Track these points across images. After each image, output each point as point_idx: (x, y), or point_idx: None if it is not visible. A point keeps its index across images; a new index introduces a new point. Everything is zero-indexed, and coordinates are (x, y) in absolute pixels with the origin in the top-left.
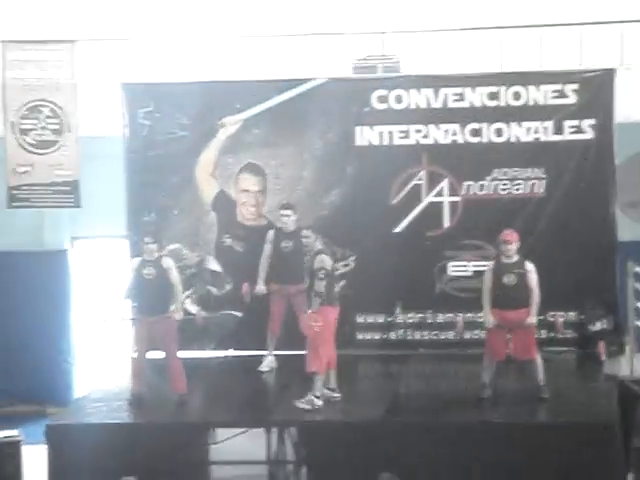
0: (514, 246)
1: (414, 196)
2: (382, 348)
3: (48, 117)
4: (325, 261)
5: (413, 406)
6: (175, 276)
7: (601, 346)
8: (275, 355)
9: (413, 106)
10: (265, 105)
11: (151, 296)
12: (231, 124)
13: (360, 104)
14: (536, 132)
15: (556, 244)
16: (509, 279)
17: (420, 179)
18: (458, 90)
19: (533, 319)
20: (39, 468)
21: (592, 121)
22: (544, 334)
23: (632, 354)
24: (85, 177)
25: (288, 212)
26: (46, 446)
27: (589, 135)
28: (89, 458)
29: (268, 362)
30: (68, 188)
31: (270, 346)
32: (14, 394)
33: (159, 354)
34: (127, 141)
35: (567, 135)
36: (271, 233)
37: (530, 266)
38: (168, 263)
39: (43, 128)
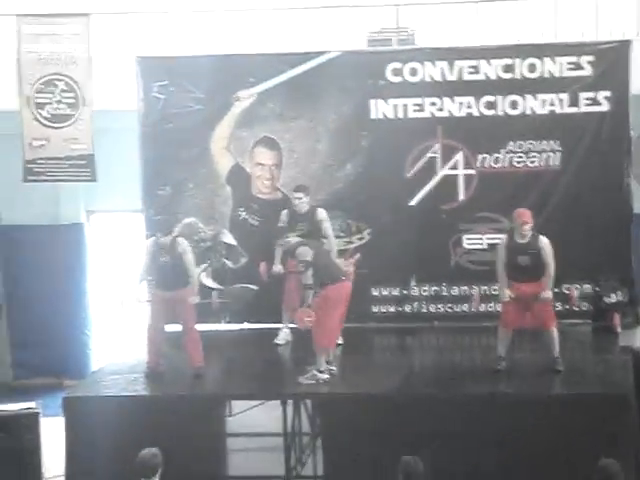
0: (529, 226)
1: (429, 169)
2: (397, 321)
3: (63, 91)
4: (304, 254)
5: (428, 378)
6: (189, 259)
7: (616, 318)
8: (290, 328)
9: (428, 79)
10: (279, 79)
11: (167, 276)
12: (245, 98)
13: (375, 77)
14: (551, 104)
15: (571, 217)
16: (523, 259)
17: (435, 152)
18: (473, 62)
19: (549, 293)
20: (57, 440)
21: (607, 93)
22: (559, 307)
23: None
24: (100, 151)
25: (300, 195)
26: (63, 418)
27: (604, 107)
28: (106, 430)
29: (284, 335)
30: (83, 162)
31: (285, 319)
32: (31, 367)
33: (176, 327)
34: (142, 115)
35: (582, 107)
36: (285, 213)
37: (544, 241)
38: (182, 246)
39: (58, 102)
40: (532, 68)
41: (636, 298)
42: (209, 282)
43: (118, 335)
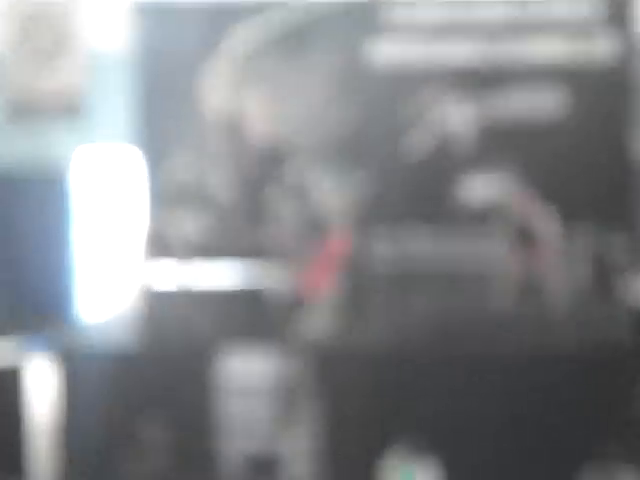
0: (530, 206)
1: (428, 115)
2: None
3: (52, 25)
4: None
5: (431, 332)
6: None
7: (620, 270)
8: (287, 281)
9: (429, 24)
10: (274, 20)
11: (161, 217)
12: (240, 39)
13: (374, 21)
14: (558, 48)
15: (576, 167)
16: (524, 243)
17: (434, 98)
18: (476, 7)
19: (554, 275)
20: (44, 385)
21: (614, 38)
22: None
23: None
24: (89, 92)
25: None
26: (51, 364)
27: (612, 53)
28: (96, 382)
29: (279, 285)
30: (73, 98)
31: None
32: (19, 308)
33: (169, 277)
34: (134, 52)
35: (588, 53)
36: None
37: (547, 223)
38: None
39: (45, 37)
40: (537, 14)
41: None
42: (199, 228)
43: (108, 282)
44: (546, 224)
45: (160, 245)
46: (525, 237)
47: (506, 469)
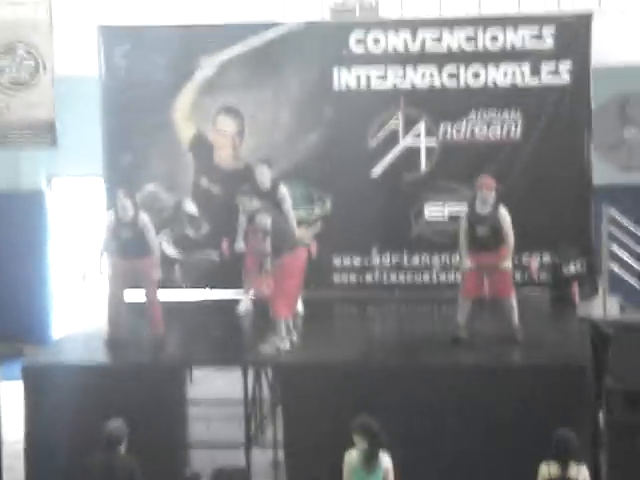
0: (492, 192)
1: (391, 139)
2: (358, 290)
3: (23, 57)
4: (261, 221)
5: (388, 347)
6: (152, 236)
7: (575, 288)
8: (252, 299)
9: (391, 49)
10: (242, 48)
11: (128, 248)
12: (208, 66)
13: (338, 47)
14: (513, 75)
15: (532, 187)
16: (482, 230)
17: (397, 122)
18: (436, 33)
19: (508, 263)
20: (15, 405)
21: (569, 65)
22: (518, 276)
23: (605, 296)
24: (61, 117)
25: (263, 169)
26: (22, 385)
27: (566, 79)
28: (65, 398)
29: (244, 304)
30: (44, 128)
31: (246, 288)
32: None
33: (137, 295)
34: (104, 82)
35: (544, 79)
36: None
37: (503, 213)
38: (144, 222)
39: (18, 68)
40: (494, 39)
41: (594, 268)
42: (170, 250)
43: (79, 303)
44: (504, 217)
45: (130, 268)
46: (485, 229)
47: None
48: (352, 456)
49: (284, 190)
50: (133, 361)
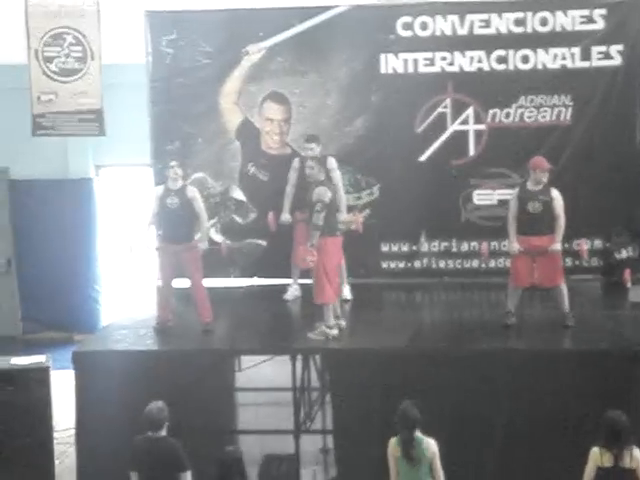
0: (546, 174)
1: (439, 124)
2: (406, 277)
3: (71, 44)
4: (322, 194)
5: (437, 334)
6: (200, 205)
7: (627, 273)
8: (299, 284)
9: (438, 33)
10: (289, 33)
11: (175, 225)
12: (255, 52)
13: (385, 31)
14: (563, 59)
15: (582, 172)
16: (534, 206)
17: (445, 107)
18: (484, 16)
19: (558, 246)
20: (67, 393)
21: (620, 47)
22: (569, 262)
23: None
24: (109, 105)
25: (312, 145)
26: (73, 372)
27: (617, 61)
28: (115, 384)
29: (292, 291)
30: (92, 116)
31: (294, 275)
32: (41, 321)
33: (185, 282)
34: (151, 69)
35: (594, 62)
36: (297, 161)
37: (555, 193)
38: (193, 192)
39: (67, 55)
40: (544, 22)
41: None
42: (218, 237)
43: (128, 290)
44: (556, 199)
45: (177, 255)
46: (536, 210)
47: (511, 463)
48: (393, 444)
49: (333, 162)
50: (181, 348)
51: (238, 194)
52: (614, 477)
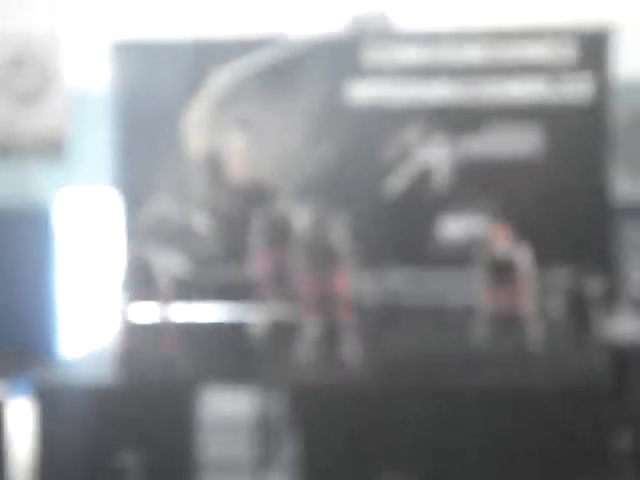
0: (507, 239)
1: (406, 155)
2: (373, 309)
3: (33, 69)
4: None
5: (404, 368)
6: (160, 275)
7: (595, 309)
8: (265, 318)
9: (406, 62)
10: (253, 61)
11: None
12: (219, 80)
13: (350, 60)
14: (533, 90)
15: (552, 205)
16: (501, 276)
17: (413, 137)
18: (453, 46)
19: (528, 306)
20: (25, 423)
21: (591, 79)
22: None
23: (626, 317)
24: (71, 132)
25: None
26: (31, 404)
27: (587, 94)
28: (75, 417)
29: (259, 324)
30: (53, 143)
31: (261, 306)
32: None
33: (149, 312)
34: (115, 94)
35: (564, 94)
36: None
37: (522, 254)
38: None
39: (26, 82)
40: (514, 53)
41: (616, 290)
42: (179, 267)
43: (88, 318)
44: (523, 259)
45: (141, 282)
46: (502, 272)
47: None
48: None
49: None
50: (144, 379)
51: (201, 222)
52: None
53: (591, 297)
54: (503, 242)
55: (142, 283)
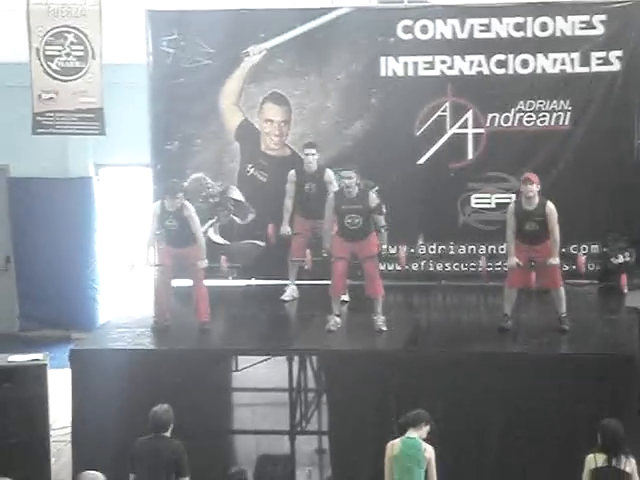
0: (535, 187)
1: (438, 128)
2: (404, 279)
3: (72, 43)
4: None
5: (433, 336)
6: (197, 224)
7: (623, 279)
8: (297, 285)
9: (439, 36)
10: (290, 34)
11: (175, 237)
12: (255, 53)
13: (385, 34)
14: (562, 64)
15: (580, 177)
16: (530, 226)
17: (444, 110)
18: (484, 21)
19: (556, 260)
20: (64, 391)
21: (619, 53)
22: (566, 267)
23: None
24: (109, 105)
25: (312, 150)
26: (70, 370)
27: (616, 67)
28: (111, 382)
29: (290, 291)
30: (92, 115)
31: (292, 275)
32: (38, 318)
33: (184, 282)
34: (151, 69)
35: (594, 67)
36: (293, 174)
37: (550, 208)
38: (189, 211)
39: (68, 54)
40: (544, 27)
41: None
42: (217, 238)
43: (125, 289)
44: (551, 212)
45: (176, 255)
46: (532, 223)
47: (506, 467)
48: (393, 447)
49: (331, 173)
50: (179, 347)
51: (237, 194)
52: (609, 477)
53: (620, 265)
54: (533, 190)
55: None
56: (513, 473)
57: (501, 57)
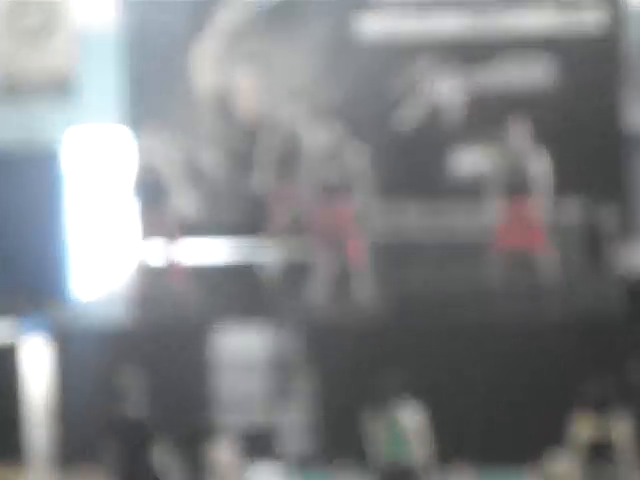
0: (520, 133)
1: (418, 87)
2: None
3: (41, 8)
4: None
5: (419, 302)
6: (173, 181)
7: (609, 239)
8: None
9: None
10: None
11: (149, 197)
12: (228, 14)
13: None
14: (548, 22)
15: (565, 133)
16: (517, 176)
17: (424, 71)
18: None
19: (541, 211)
20: (36, 361)
21: (606, 13)
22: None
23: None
24: (79, 70)
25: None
26: (47, 344)
27: (603, 28)
28: (91, 358)
29: (271, 261)
30: (62, 79)
31: (273, 241)
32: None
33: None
34: (124, 26)
35: (581, 27)
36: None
37: (539, 157)
38: (164, 166)
39: (35, 19)
40: None
41: (629, 218)
42: (190, 201)
43: (99, 258)
44: (539, 162)
45: (152, 222)
46: (518, 176)
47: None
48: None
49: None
50: (158, 317)
51: (209, 157)
52: (599, 445)
53: (605, 228)
54: (521, 140)
55: (153, 224)
56: (503, 437)
57: (484, 14)
